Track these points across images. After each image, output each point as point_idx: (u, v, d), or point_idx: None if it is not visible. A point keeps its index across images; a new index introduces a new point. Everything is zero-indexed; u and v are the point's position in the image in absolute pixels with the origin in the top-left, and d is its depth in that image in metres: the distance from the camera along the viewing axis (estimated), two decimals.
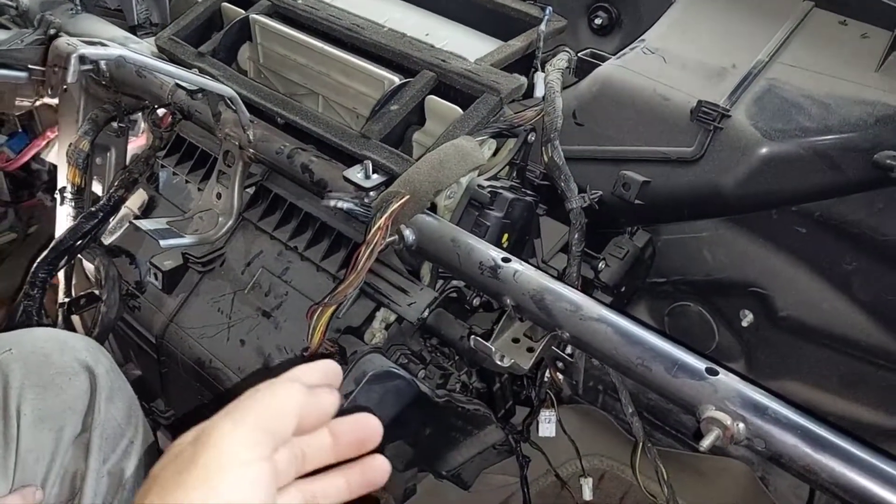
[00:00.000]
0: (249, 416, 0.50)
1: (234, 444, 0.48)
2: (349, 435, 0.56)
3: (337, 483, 0.57)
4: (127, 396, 0.95)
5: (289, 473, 0.54)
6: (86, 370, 0.92)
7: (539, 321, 0.89)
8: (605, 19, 1.32)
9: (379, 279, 1.07)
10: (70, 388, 0.90)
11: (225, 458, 0.47)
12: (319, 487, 0.56)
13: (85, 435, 0.89)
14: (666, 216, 1.13)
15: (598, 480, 1.60)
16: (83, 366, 0.92)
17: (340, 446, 0.56)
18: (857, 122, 0.96)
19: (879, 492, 0.70)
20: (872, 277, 1.09)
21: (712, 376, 0.79)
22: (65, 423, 0.88)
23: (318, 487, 0.56)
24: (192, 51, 1.28)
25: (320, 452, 0.55)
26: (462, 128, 1.05)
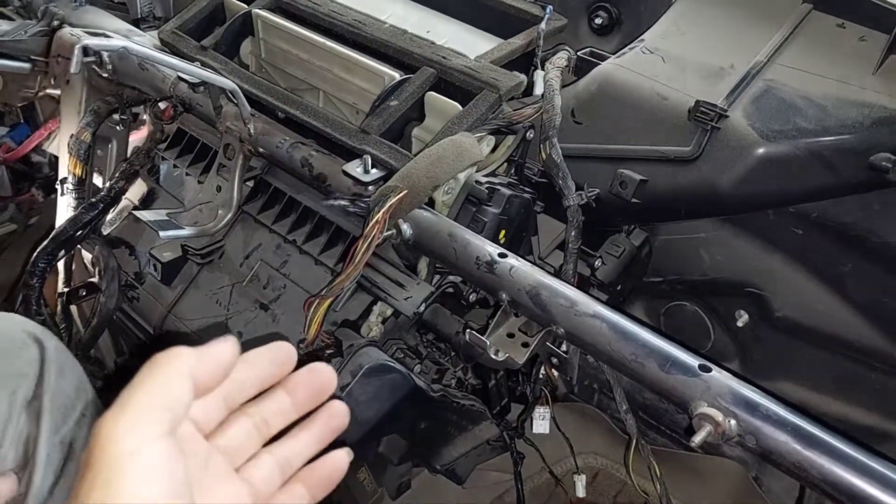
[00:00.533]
0: (132, 399, 0.46)
1: (119, 434, 0.45)
2: (304, 388, 0.55)
3: (305, 440, 0.57)
4: (77, 373, 0.96)
5: (254, 443, 0.54)
6: (35, 342, 0.93)
7: (534, 316, 0.90)
8: (605, 19, 1.33)
9: (376, 273, 1.08)
10: (21, 355, 0.91)
11: (113, 453, 0.44)
12: (289, 449, 0.56)
13: (36, 402, 0.90)
14: (663, 215, 1.13)
15: (593, 478, 1.60)
16: (32, 338, 0.93)
17: (299, 402, 0.56)
18: (854, 124, 0.97)
19: (869, 489, 0.70)
20: (867, 279, 1.10)
21: (705, 373, 0.79)
22: (17, 387, 0.89)
23: (288, 449, 0.56)
24: (195, 44, 1.28)
25: (281, 414, 0.55)
26: (461, 124, 1.05)
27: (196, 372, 0.49)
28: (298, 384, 0.55)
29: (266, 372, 0.54)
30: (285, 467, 0.56)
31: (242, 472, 0.54)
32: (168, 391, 0.47)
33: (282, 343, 0.55)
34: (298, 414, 0.56)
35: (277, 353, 0.55)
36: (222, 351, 0.50)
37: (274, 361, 0.54)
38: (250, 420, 0.54)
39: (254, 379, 0.53)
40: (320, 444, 0.57)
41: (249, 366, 0.53)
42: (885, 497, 0.69)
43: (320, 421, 0.57)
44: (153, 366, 0.48)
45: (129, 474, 0.44)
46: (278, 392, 0.55)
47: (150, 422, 0.45)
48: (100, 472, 0.44)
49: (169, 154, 1.33)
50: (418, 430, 1.18)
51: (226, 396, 0.52)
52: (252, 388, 0.53)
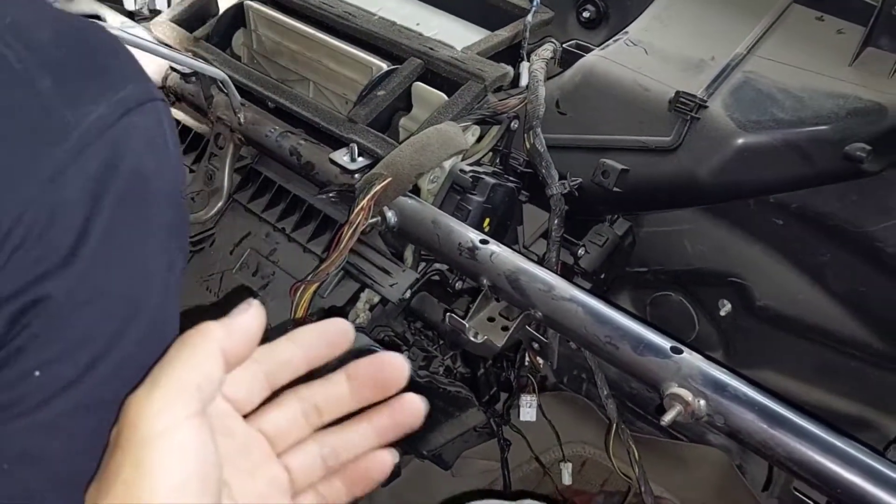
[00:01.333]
0: (161, 377, 0.45)
1: (149, 414, 0.44)
2: (368, 377, 0.51)
3: (361, 430, 0.52)
4: None
5: (300, 428, 0.52)
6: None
7: (513, 300, 0.92)
8: (592, 13, 1.34)
9: (363, 260, 1.10)
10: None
11: (142, 433, 0.43)
12: (339, 439, 0.52)
13: None
14: (644, 204, 1.15)
15: (580, 467, 1.62)
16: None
17: (359, 391, 0.51)
18: (829, 115, 0.99)
19: (832, 466, 0.72)
20: (846, 269, 1.11)
21: (676, 355, 0.82)
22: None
23: (338, 439, 0.53)
24: (187, 35, 1.30)
25: (337, 401, 0.52)
26: (446, 114, 1.07)
27: (225, 345, 0.47)
28: (362, 372, 0.51)
29: (314, 350, 0.51)
30: (330, 458, 0.53)
31: (284, 458, 0.52)
32: (198, 369, 0.46)
33: (335, 320, 0.51)
34: (358, 404, 0.52)
35: (328, 329, 0.51)
36: (249, 320, 0.48)
37: (323, 338, 0.51)
38: (300, 405, 0.51)
39: (300, 357, 0.50)
40: (381, 439, 0.53)
41: (295, 344, 0.50)
42: (847, 473, 0.71)
43: (387, 412, 0.52)
44: (182, 343, 0.47)
45: (159, 455, 0.43)
46: (338, 376, 0.52)
47: (180, 401, 0.44)
48: (129, 452, 0.43)
49: None
50: None
51: (268, 374, 0.50)
52: (299, 366, 0.51)
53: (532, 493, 1.57)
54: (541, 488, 1.65)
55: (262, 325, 0.49)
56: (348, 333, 0.51)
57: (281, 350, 0.50)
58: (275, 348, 0.50)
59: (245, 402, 0.49)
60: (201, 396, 0.45)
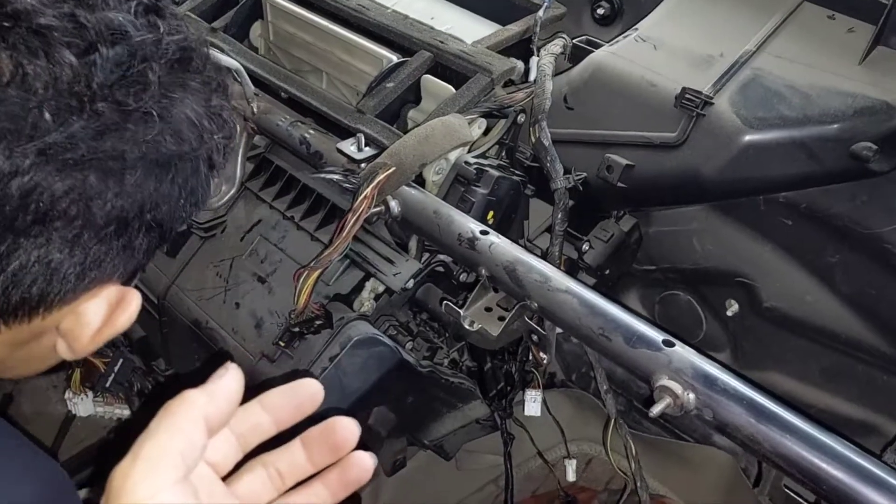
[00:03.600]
0: (145, 447, 0.47)
1: (132, 483, 0.45)
2: (321, 443, 0.55)
3: (317, 491, 0.56)
4: None
5: (268, 492, 0.55)
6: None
7: (510, 291, 0.93)
8: (607, 9, 1.34)
9: (367, 249, 1.11)
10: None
11: (127, 501, 0.45)
12: (302, 499, 0.56)
13: None
14: (648, 200, 1.15)
15: (586, 465, 1.62)
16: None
17: (315, 457, 0.55)
18: (837, 113, 0.98)
19: (817, 462, 0.72)
20: (855, 271, 1.10)
21: (668, 348, 0.82)
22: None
23: (301, 500, 0.56)
24: (206, 26, 1.33)
25: (296, 467, 0.55)
26: (453, 106, 1.08)
27: (208, 411, 0.49)
28: (315, 438, 0.55)
29: (283, 414, 0.54)
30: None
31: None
32: (182, 437, 0.48)
33: (303, 382, 0.55)
34: (314, 468, 0.55)
35: (296, 394, 0.54)
36: (229, 384, 0.51)
37: (292, 402, 0.54)
38: (265, 470, 0.54)
39: (269, 422, 0.54)
40: (333, 496, 0.56)
41: (265, 409, 0.54)
42: (833, 470, 0.71)
43: (336, 472, 0.56)
44: (165, 412, 0.49)
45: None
46: (294, 444, 0.55)
47: (163, 469, 0.46)
48: None
49: None
50: (406, 405, 1.21)
51: (240, 438, 0.53)
52: (268, 430, 0.54)
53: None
54: (546, 485, 1.65)
55: (241, 388, 0.52)
56: (316, 396, 0.54)
57: (251, 415, 0.53)
58: (246, 413, 0.53)
59: (222, 466, 0.52)
60: (185, 463, 0.47)
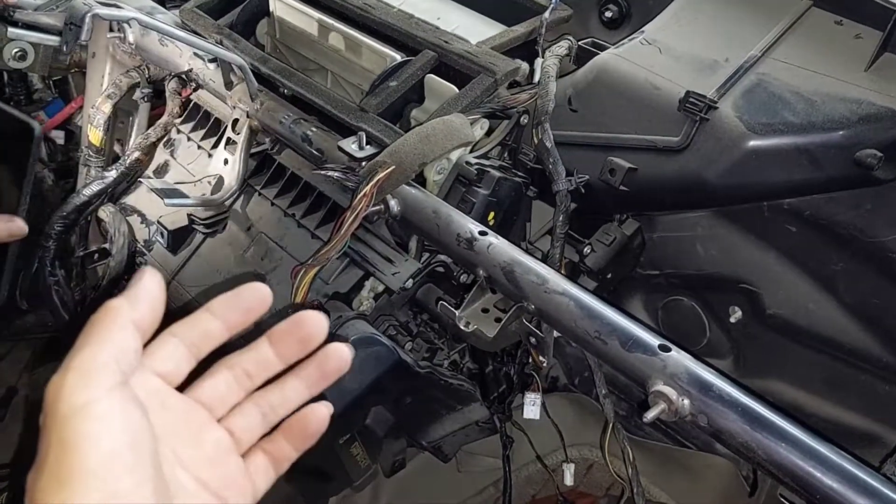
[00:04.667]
0: (76, 358, 0.46)
1: (67, 392, 0.44)
2: (288, 337, 0.54)
3: (293, 385, 0.55)
4: None
5: (235, 394, 0.54)
6: None
7: (507, 292, 0.92)
8: (615, 12, 1.34)
9: (367, 248, 1.11)
10: None
11: (62, 411, 0.44)
12: (276, 396, 0.55)
13: None
14: (650, 204, 1.14)
15: (587, 470, 1.62)
16: None
17: (283, 352, 0.54)
18: (841, 120, 0.97)
19: (811, 471, 0.71)
20: (858, 279, 1.09)
21: (664, 352, 0.81)
22: None
23: (275, 396, 0.55)
24: (212, 23, 1.33)
25: (264, 365, 0.54)
26: (455, 106, 1.08)
27: (134, 316, 0.49)
28: (282, 334, 0.54)
29: (232, 317, 0.53)
30: (269, 414, 0.55)
31: (224, 422, 0.54)
32: (111, 344, 0.47)
33: (251, 285, 0.53)
34: (284, 364, 0.55)
35: (244, 297, 0.53)
36: (148, 284, 0.50)
37: (239, 306, 0.53)
38: (231, 372, 0.54)
39: (219, 327, 0.53)
40: (310, 389, 0.56)
41: (212, 314, 0.53)
42: (826, 479, 0.70)
43: (314, 364, 0.56)
44: (91, 325, 0.48)
45: (80, 428, 0.43)
46: (261, 342, 0.54)
47: (96, 377, 0.45)
48: (52, 431, 0.44)
49: (184, 128, 1.38)
50: (405, 405, 1.21)
51: (190, 346, 0.52)
52: (219, 335, 0.53)
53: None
54: (545, 489, 1.65)
55: (162, 286, 0.51)
56: (265, 298, 0.53)
57: (199, 322, 0.52)
58: (193, 321, 0.53)
59: (174, 375, 0.51)
60: (120, 369, 0.46)
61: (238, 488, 0.53)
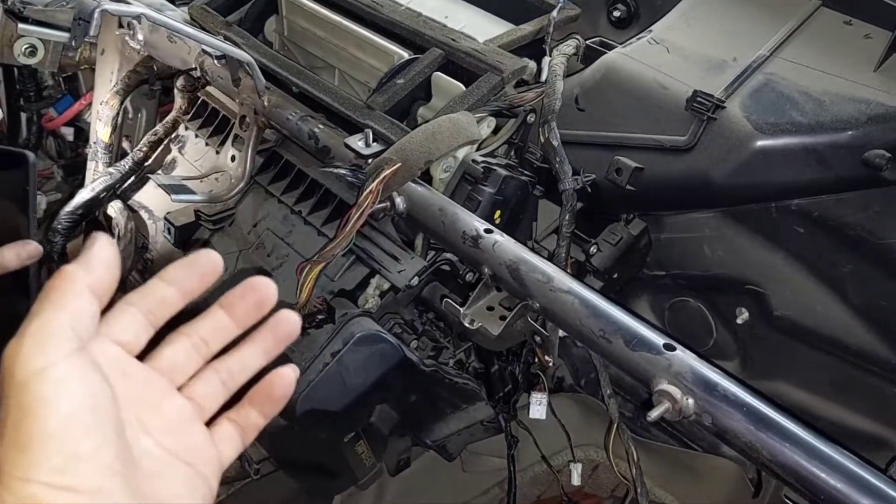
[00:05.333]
0: (32, 324, 0.45)
1: (24, 357, 0.44)
2: (242, 303, 0.55)
3: (250, 351, 0.56)
4: None
5: (194, 362, 0.54)
6: None
7: (512, 290, 0.92)
8: (623, 12, 1.34)
9: (373, 245, 1.11)
10: None
11: (19, 376, 0.43)
12: (234, 362, 0.56)
13: None
14: (657, 204, 1.14)
15: (592, 471, 1.61)
16: None
17: (238, 316, 0.55)
18: (850, 120, 0.97)
19: (815, 471, 0.71)
20: (866, 281, 1.09)
21: (669, 352, 0.81)
22: None
23: (233, 362, 0.56)
24: (221, 20, 1.33)
25: (220, 331, 0.55)
26: (462, 104, 1.08)
27: (90, 280, 0.48)
28: (235, 300, 0.55)
29: (187, 284, 0.53)
30: (228, 381, 0.55)
31: (184, 390, 0.54)
32: (67, 309, 0.46)
33: (203, 251, 0.54)
34: (240, 330, 0.55)
35: (197, 263, 0.54)
36: (102, 249, 0.50)
37: (193, 272, 0.53)
38: (188, 339, 0.54)
39: (174, 294, 0.52)
40: (266, 354, 0.57)
41: (166, 282, 0.53)
42: (830, 479, 0.70)
43: (267, 329, 0.56)
44: (46, 290, 0.47)
45: (38, 391, 0.43)
46: (214, 309, 0.55)
47: (54, 341, 0.45)
48: (10, 397, 0.43)
49: (192, 124, 1.38)
50: (409, 403, 1.21)
51: (147, 314, 0.52)
52: (175, 302, 0.53)
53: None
54: (551, 490, 1.64)
55: (116, 251, 0.51)
56: (216, 264, 0.54)
57: (154, 290, 0.52)
58: (148, 289, 0.52)
59: (133, 344, 0.51)
60: (77, 334, 0.46)
61: (205, 456, 0.53)
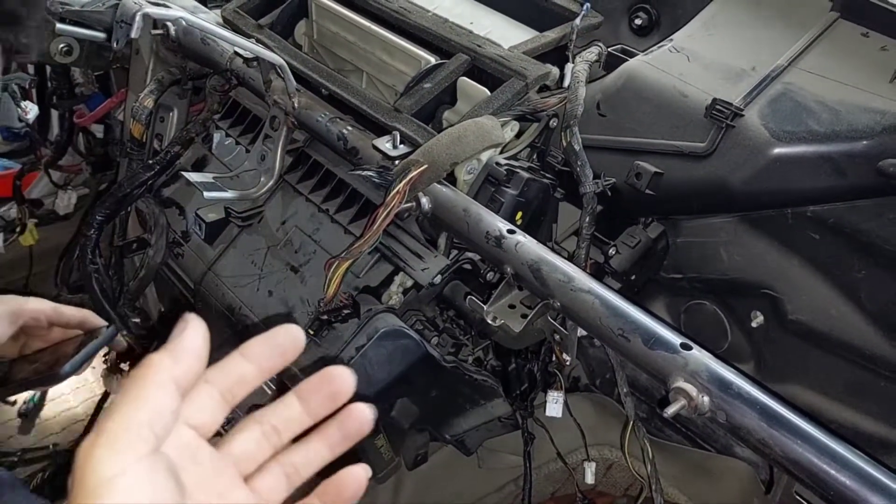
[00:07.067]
0: (110, 421, 0.44)
1: (96, 460, 0.43)
2: (317, 393, 0.54)
3: (316, 447, 0.55)
4: None
5: (263, 451, 0.53)
6: None
7: (534, 289, 0.95)
8: (644, 20, 1.36)
9: (397, 244, 1.15)
10: None
11: (91, 481, 0.43)
12: (299, 457, 0.54)
13: None
14: (675, 208, 1.17)
15: (607, 470, 1.64)
16: None
17: (311, 407, 0.54)
18: (865, 130, 0.99)
19: (825, 468, 0.73)
20: (880, 287, 1.11)
21: (685, 350, 0.83)
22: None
23: (298, 457, 0.54)
24: (253, 23, 1.37)
25: (293, 421, 0.54)
26: (486, 108, 1.11)
27: (176, 373, 0.47)
28: (311, 389, 0.54)
29: (266, 362, 0.52)
30: (292, 475, 0.54)
31: (250, 482, 0.53)
32: (147, 405, 0.45)
33: (284, 327, 0.52)
34: (313, 420, 0.54)
35: (277, 340, 0.52)
36: (193, 340, 0.49)
37: (274, 349, 0.52)
38: (260, 427, 0.53)
39: (253, 372, 0.51)
40: (333, 450, 0.55)
41: (246, 359, 0.51)
42: (841, 476, 0.72)
43: (335, 425, 0.55)
44: (130, 382, 0.46)
45: (108, 502, 0.42)
46: (289, 397, 0.54)
47: (128, 443, 0.44)
48: (79, 502, 0.43)
49: (223, 124, 1.42)
50: (430, 398, 1.24)
51: (224, 394, 0.51)
52: (253, 381, 0.52)
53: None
54: (565, 487, 1.67)
55: (207, 340, 0.50)
56: (298, 340, 0.52)
57: (234, 367, 0.51)
58: (227, 366, 0.51)
59: (208, 427, 0.50)
60: (154, 433, 0.45)
61: None
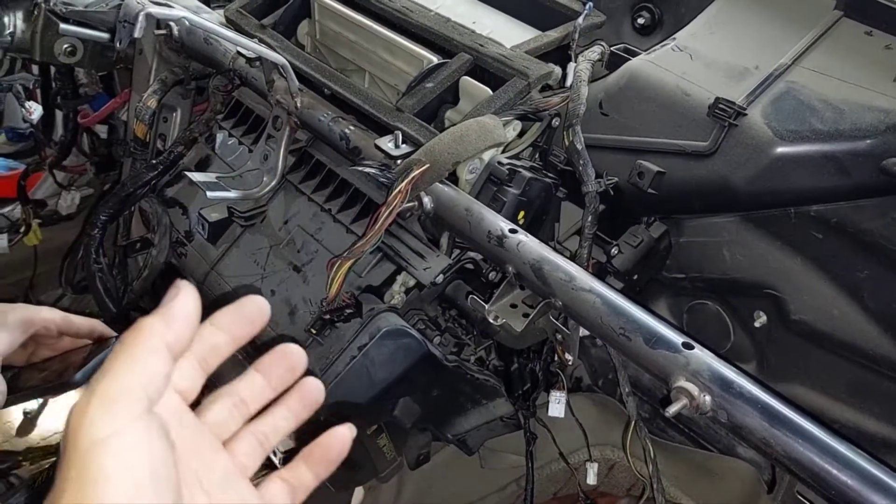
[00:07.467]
0: (102, 383, 0.44)
1: (88, 423, 0.43)
2: (276, 367, 0.57)
3: (282, 414, 0.57)
4: None
5: (235, 420, 0.56)
6: None
7: (535, 288, 0.95)
8: (647, 19, 1.36)
9: (400, 243, 1.15)
10: None
11: (82, 443, 0.42)
12: (268, 425, 0.57)
13: None
14: (678, 207, 1.17)
15: (608, 470, 1.64)
16: None
17: (272, 382, 0.57)
18: (868, 129, 0.99)
19: (827, 467, 0.73)
20: (883, 287, 1.11)
21: (687, 350, 0.83)
22: None
23: (267, 426, 0.57)
24: (256, 23, 1.38)
25: (258, 393, 0.56)
26: (488, 107, 1.11)
27: (168, 338, 0.47)
28: (270, 365, 0.57)
29: (237, 330, 0.53)
30: (264, 442, 0.57)
31: (227, 447, 0.55)
32: (141, 368, 0.46)
33: (250, 297, 0.54)
34: (274, 393, 0.57)
35: (244, 310, 0.54)
36: (186, 304, 0.50)
37: (243, 319, 0.54)
38: (230, 399, 0.55)
39: (226, 341, 0.53)
40: (296, 418, 0.58)
41: (219, 328, 0.53)
42: (842, 475, 0.72)
43: (296, 395, 0.58)
44: (122, 345, 0.46)
45: (99, 464, 0.42)
46: (252, 373, 0.56)
47: (121, 405, 0.44)
48: (72, 464, 0.42)
49: (226, 124, 1.43)
50: (432, 398, 1.24)
51: (200, 361, 0.52)
52: (226, 348, 0.53)
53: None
54: (567, 488, 1.67)
55: (199, 306, 0.50)
56: (264, 309, 0.54)
57: (208, 336, 0.52)
58: (201, 336, 0.52)
59: (189, 392, 0.51)
60: (147, 395, 0.45)
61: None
